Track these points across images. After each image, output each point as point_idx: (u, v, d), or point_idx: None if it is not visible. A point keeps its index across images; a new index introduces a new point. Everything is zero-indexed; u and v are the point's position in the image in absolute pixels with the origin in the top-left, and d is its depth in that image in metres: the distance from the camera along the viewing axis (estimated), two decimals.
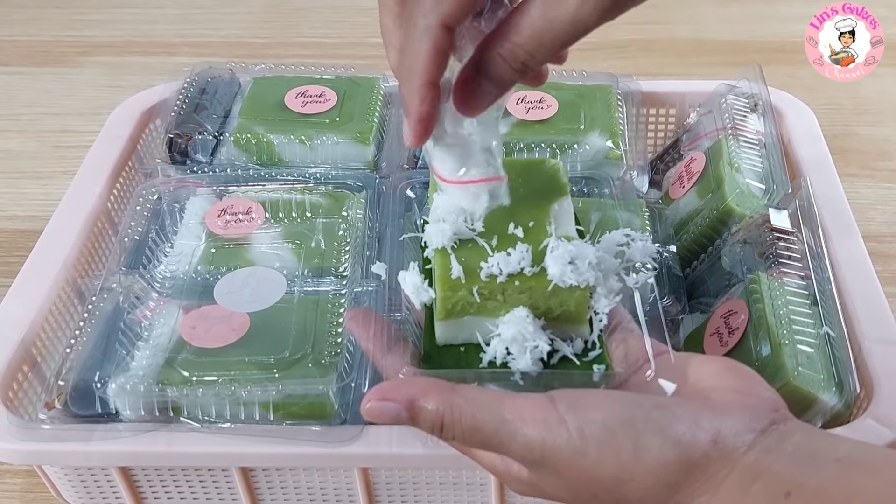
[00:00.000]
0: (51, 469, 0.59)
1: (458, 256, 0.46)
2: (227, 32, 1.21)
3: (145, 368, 0.55)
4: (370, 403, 0.42)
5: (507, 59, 0.40)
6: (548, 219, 0.49)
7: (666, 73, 1.08)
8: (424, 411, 0.41)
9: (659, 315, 0.51)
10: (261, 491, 0.59)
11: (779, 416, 0.40)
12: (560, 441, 0.39)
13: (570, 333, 0.47)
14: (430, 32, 0.40)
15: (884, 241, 0.84)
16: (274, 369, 0.55)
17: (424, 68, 0.40)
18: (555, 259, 0.45)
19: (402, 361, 0.46)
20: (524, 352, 0.45)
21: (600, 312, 0.47)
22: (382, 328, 0.48)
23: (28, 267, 0.65)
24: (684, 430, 0.39)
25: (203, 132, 0.74)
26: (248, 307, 0.58)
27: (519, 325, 0.45)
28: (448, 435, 0.42)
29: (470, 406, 0.41)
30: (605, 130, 0.72)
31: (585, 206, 0.66)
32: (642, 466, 0.39)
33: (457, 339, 0.47)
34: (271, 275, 0.61)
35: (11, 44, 1.19)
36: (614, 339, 0.47)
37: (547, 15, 0.39)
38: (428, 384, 0.42)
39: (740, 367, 0.44)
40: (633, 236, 0.50)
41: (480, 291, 0.45)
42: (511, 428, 0.40)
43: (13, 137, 1.01)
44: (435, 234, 0.47)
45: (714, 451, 0.39)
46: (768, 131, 0.73)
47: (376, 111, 0.76)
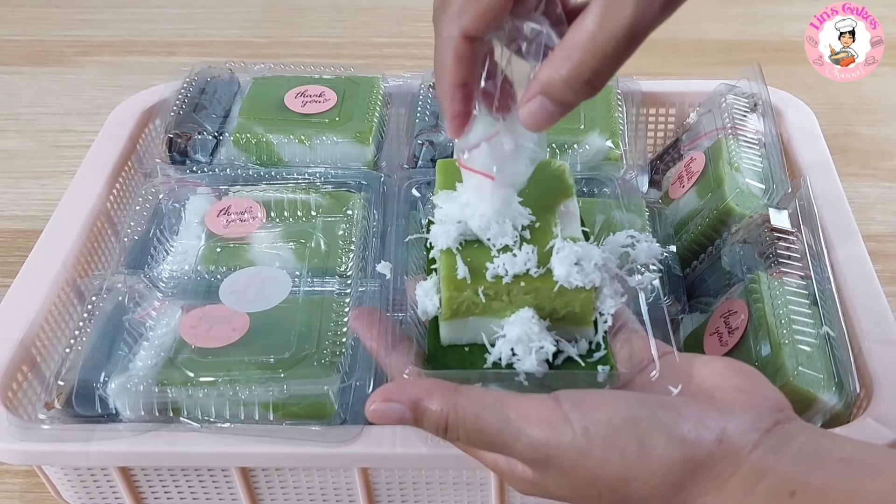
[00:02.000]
0: (50, 469, 0.59)
1: (463, 257, 0.46)
2: (227, 32, 1.21)
3: (145, 368, 0.55)
4: (374, 405, 0.42)
5: (571, 82, 0.40)
6: (554, 220, 0.49)
7: (666, 73, 1.08)
8: (428, 412, 0.42)
9: (663, 315, 0.51)
10: (261, 491, 0.59)
11: (783, 416, 0.41)
12: (565, 440, 0.39)
13: (574, 334, 0.47)
14: (452, 42, 0.42)
15: (884, 241, 0.84)
16: (274, 369, 0.55)
17: (451, 73, 0.42)
18: (560, 260, 0.45)
19: (407, 361, 0.46)
20: (529, 352, 0.45)
21: (605, 313, 0.47)
22: (387, 327, 0.48)
23: (28, 267, 0.65)
24: (689, 429, 0.39)
25: (203, 132, 0.74)
26: (252, 307, 0.58)
27: (524, 325, 0.45)
28: (452, 436, 0.42)
29: (474, 406, 0.41)
30: (605, 130, 0.72)
31: (587, 206, 0.66)
32: (647, 466, 0.39)
33: (461, 340, 0.47)
34: (276, 274, 0.61)
35: (11, 44, 1.19)
36: (619, 339, 0.48)
37: (605, 26, 0.38)
38: (431, 385, 0.42)
39: (745, 367, 0.44)
40: (637, 237, 0.50)
41: (486, 292, 0.45)
42: (515, 428, 0.40)
43: (13, 137, 1.01)
44: (440, 235, 0.47)
45: (719, 450, 0.39)
46: (768, 131, 0.73)
47: (376, 111, 0.76)
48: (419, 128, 0.73)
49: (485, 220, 0.47)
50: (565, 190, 0.51)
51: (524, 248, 0.46)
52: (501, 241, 0.47)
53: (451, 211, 0.48)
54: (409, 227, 0.56)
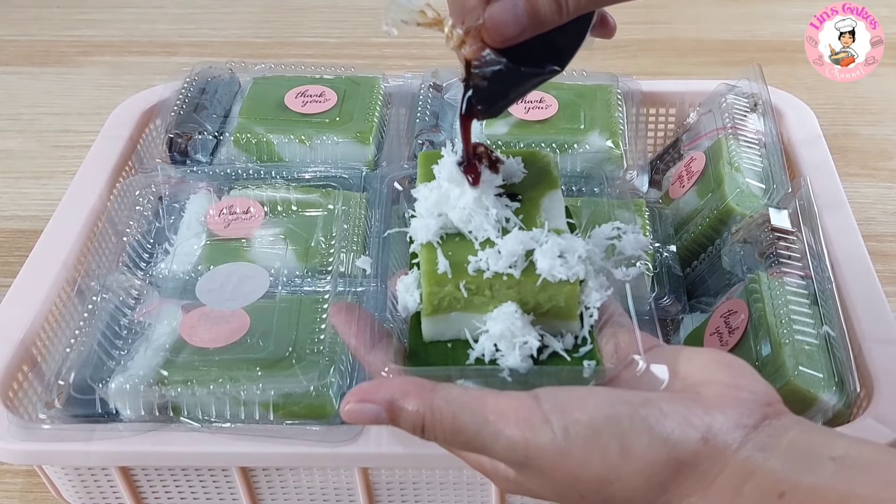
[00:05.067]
0: (51, 469, 0.59)
1: (444, 251, 0.45)
2: (227, 32, 1.21)
3: (145, 368, 0.55)
4: (349, 405, 0.41)
5: None
6: (538, 212, 0.48)
7: (666, 73, 1.08)
8: (404, 412, 0.40)
9: (651, 309, 0.50)
10: (261, 491, 0.59)
11: (772, 411, 0.39)
12: (544, 441, 0.38)
13: (560, 329, 0.45)
14: None
15: (884, 241, 0.84)
16: (274, 369, 0.55)
17: None
18: (544, 253, 0.44)
19: (386, 358, 0.44)
20: (513, 348, 0.43)
21: (591, 307, 0.45)
22: (366, 324, 0.46)
23: (28, 267, 0.65)
24: (673, 428, 0.38)
25: (203, 132, 0.74)
26: (229, 305, 0.58)
27: (507, 320, 0.43)
28: (430, 436, 0.41)
29: (451, 407, 0.40)
30: (605, 130, 0.72)
31: (584, 205, 0.66)
32: (629, 466, 0.38)
33: (444, 336, 0.46)
34: (253, 271, 0.60)
35: (11, 44, 1.19)
36: (604, 333, 0.46)
37: None
38: (407, 384, 0.41)
39: (732, 359, 0.42)
40: (623, 229, 0.49)
41: (468, 286, 0.44)
42: (494, 429, 0.39)
43: (13, 137, 1.01)
44: (420, 229, 0.46)
45: (704, 448, 0.38)
46: (768, 131, 0.73)
47: (376, 111, 0.76)
48: (419, 128, 0.73)
49: (465, 212, 0.46)
50: (551, 181, 0.50)
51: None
52: (483, 234, 0.45)
53: (431, 204, 0.47)
54: (391, 221, 0.55)
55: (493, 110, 0.47)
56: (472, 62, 0.44)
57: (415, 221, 0.47)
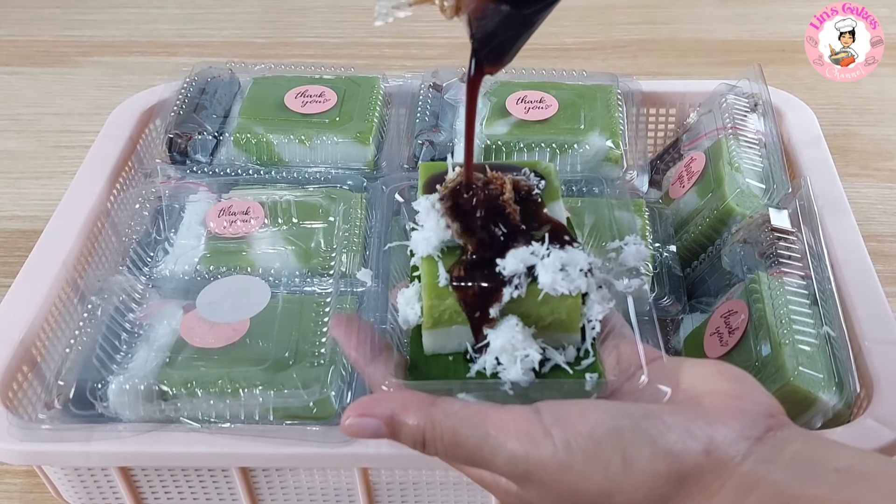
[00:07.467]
0: (51, 469, 0.59)
1: (445, 264, 0.45)
2: (227, 32, 1.21)
3: (145, 368, 0.55)
4: (349, 420, 0.41)
5: None
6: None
7: (666, 73, 1.08)
8: (405, 427, 0.40)
9: (653, 319, 0.49)
10: (261, 491, 0.59)
11: (775, 422, 0.39)
12: (545, 455, 0.38)
13: (561, 341, 0.45)
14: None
15: (884, 241, 0.84)
16: (274, 369, 0.55)
17: None
18: (545, 267, 0.43)
19: (387, 371, 0.44)
20: (514, 361, 0.43)
21: (593, 320, 0.45)
22: (366, 336, 0.46)
23: (28, 267, 0.65)
24: (675, 440, 0.38)
25: (203, 132, 0.74)
26: (230, 317, 0.57)
27: (509, 333, 0.43)
28: (430, 451, 0.40)
29: (451, 421, 0.40)
30: (605, 130, 0.72)
31: (584, 206, 0.66)
32: (631, 479, 0.37)
33: (445, 349, 0.45)
34: (254, 283, 0.60)
35: (11, 44, 1.19)
36: (606, 345, 0.46)
37: None
38: (407, 398, 0.41)
39: (734, 370, 0.42)
40: (626, 240, 0.49)
41: None
42: (495, 443, 0.39)
43: (13, 137, 1.01)
44: (421, 242, 0.46)
45: (707, 461, 0.37)
46: (768, 131, 0.73)
47: (376, 111, 0.76)
48: (419, 128, 0.73)
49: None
50: (551, 193, 0.49)
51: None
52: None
53: (432, 217, 0.46)
54: (392, 233, 0.55)
55: (505, 60, 0.46)
56: (473, 21, 0.43)
57: (415, 234, 0.47)
